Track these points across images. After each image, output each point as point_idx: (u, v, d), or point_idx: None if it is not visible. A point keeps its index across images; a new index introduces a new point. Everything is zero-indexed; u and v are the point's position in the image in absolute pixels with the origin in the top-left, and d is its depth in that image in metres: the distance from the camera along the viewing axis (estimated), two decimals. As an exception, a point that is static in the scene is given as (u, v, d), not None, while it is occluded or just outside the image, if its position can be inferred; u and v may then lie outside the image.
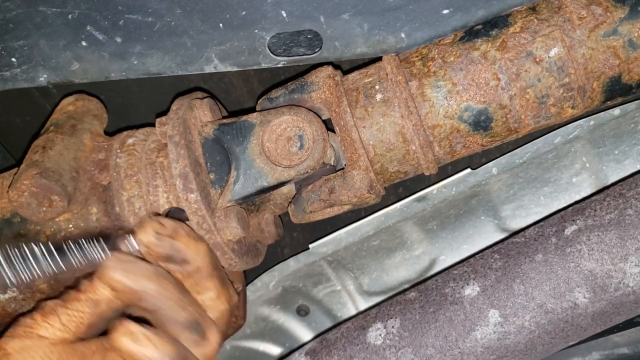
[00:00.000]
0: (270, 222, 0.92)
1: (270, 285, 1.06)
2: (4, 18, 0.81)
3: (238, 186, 0.81)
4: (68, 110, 0.91)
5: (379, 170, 0.82)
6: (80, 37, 0.82)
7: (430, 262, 1.07)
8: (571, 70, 0.77)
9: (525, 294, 0.77)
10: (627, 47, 0.76)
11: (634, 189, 0.78)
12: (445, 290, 0.82)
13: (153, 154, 0.85)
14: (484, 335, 0.78)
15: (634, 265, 0.73)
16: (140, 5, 0.80)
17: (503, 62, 0.78)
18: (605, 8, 0.76)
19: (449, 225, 1.03)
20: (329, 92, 0.83)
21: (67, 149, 0.84)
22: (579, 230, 0.77)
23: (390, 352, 0.81)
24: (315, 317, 1.14)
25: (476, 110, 0.79)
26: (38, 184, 0.78)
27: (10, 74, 0.85)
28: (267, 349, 1.16)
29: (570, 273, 0.76)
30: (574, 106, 0.79)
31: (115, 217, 0.82)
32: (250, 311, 1.10)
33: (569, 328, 0.77)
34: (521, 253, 0.80)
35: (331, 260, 1.04)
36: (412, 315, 0.82)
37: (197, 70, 0.85)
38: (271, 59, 0.84)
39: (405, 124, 0.79)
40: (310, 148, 0.80)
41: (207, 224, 0.78)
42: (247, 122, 0.82)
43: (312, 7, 0.80)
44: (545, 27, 0.77)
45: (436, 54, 0.80)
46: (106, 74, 0.85)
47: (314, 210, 0.84)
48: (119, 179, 0.83)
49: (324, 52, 0.83)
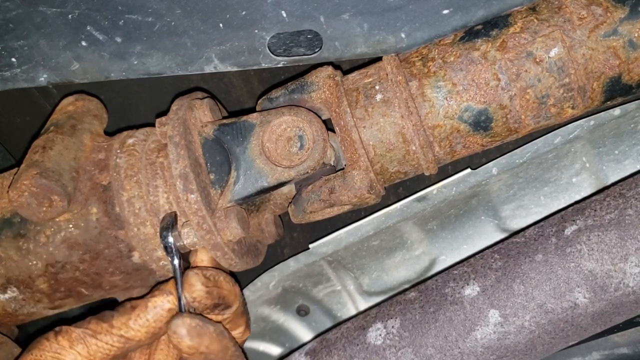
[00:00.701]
0: (270, 222, 0.92)
1: (270, 285, 1.06)
2: (4, 18, 0.81)
3: (238, 186, 0.81)
4: (68, 110, 0.91)
5: (379, 171, 0.82)
6: (80, 37, 0.82)
7: (430, 262, 1.07)
8: (571, 71, 0.77)
9: (525, 294, 0.77)
10: (627, 47, 0.76)
11: (634, 189, 0.78)
12: (445, 290, 0.82)
13: (153, 154, 0.85)
14: (484, 335, 0.78)
15: (634, 265, 0.73)
16: (140, 5, 0.80)
17: (503, 62, 0.78)
18: (605, 8, 0.76)
19: (449, 225, 1.03)
20: (329, 92, 0.83)
21: (67, 149, 0.84)
22: (579, 230, 0.77)
23: (390, 352, 0.81)
24: (315, 317, 1.14)
25: (476, 110, 0.79)
26: (38, 184, 0.78)
27: (10, 74, 0.85)
28: (267, 349, 1.16)
29: (570, 273, 0.76)
30: (574, 106, 0.79)
31: (115, 217, 0.82)
32: (250, 311, 1.10)
33: (569, 328, 0.77)
34: (521, 253, 0.80)
35: (331, 260, 1.04)
36: (412, 315, 0.82)
37: (197, 70, 0.85)
38: (271, 59, 0.84)
39: (406, 124, 0.79)
40: (310, 148, 0.80)
41: (208, 224, 0.78)
42: (247, 122, 0.82)
43: (312, 7, 0.80)
44: (546, 28, 0.77)
45: (436, 54, 0.80)
46: (106, 74, 0.85)
47: (314, 211, 0.84)
48: (119, 179, 0.83)
49: (324, 52, 0.83)
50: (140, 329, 0.77)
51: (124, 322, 0.76)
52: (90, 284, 0.86)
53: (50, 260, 0.83)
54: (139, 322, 0.77)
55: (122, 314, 0.77)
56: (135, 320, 0.77)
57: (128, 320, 0.76)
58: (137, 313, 0.77)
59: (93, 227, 0.83)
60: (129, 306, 0.78)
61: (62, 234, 0.83)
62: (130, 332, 0.76)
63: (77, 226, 0.83)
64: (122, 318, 0.77)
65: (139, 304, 0.78)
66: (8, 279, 0.85)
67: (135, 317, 0.77)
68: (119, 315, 0.77)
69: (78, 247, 0.83)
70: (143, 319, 0.77)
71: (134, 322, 0.76)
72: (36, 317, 0.92)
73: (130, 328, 0.76)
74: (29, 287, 0.85)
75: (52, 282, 0.85)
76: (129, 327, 0.76)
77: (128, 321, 0.76)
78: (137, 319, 0.77)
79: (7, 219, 0.85)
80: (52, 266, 0.84)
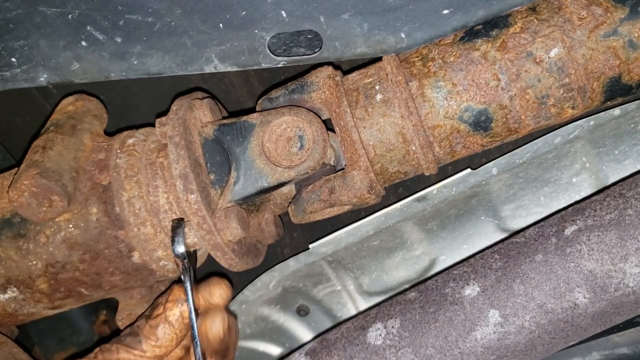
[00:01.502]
0: (270, 222, 0.92)
1: (270, 285, 1.06)
2: (4, 18, 0.81)
3: (238, 187, 0.81)
4: (68, 110, 0.91)
5: (379, 171, 0.82)
6: (80, 37, 0.82)
7: (430, 262, 1.07)
8: (571, 71, 0.77)
9: (525, 294, 0.77)
10: (627, 47, 0.76)
11: (634, 189, 0.78)
12: (445, 290, 0.82)
13: (153, 155, 0.85)
14: (484, 336, 0.78)
15: (634, 266, 0.73)
16: (140, 5, 0.80)
17: (503, 62, 0.78)
18: (606, 8, 0.76)
19: (449, 225, 1.03)
20: (329, 92, 0.83)
21: (67, 149, 0.84)
22: (579, 230, 0.77)
23: (390, 352, 0.81)
24: (315, 317, 1.14)
25: (476, 110, 0.79)
26: (38, 184, 0.78)
27: (10, 74, 0.85)
28: (267, 349, 1.16)
29: (570, 273, 0.76)
30: (574, 106, 0.79)
31: (115, 218, 0.82)
32: (251, 311, 1.10)
33: (569, 328, 0.77)
34: (521, 253, 0.80)
35: (331, 260, 1.04)
36: (412, 316, 0.82)
37: (197, 70, 0.85)
38: (271, 59, 0.84)
39: (406, 124, 0.79)
40: (310, 148, 0.80)
41: (208, 224, 0.78)
42: (247, 122, 0.82)
43: (312, 7, 0.80)
44: (546, 28, 0.77)
45: (436, 54, 0.80)
46: (106, 74, 0.85)
47: (314, 211, 0.84)
48: (119, 179, 0.83)
49: (324, 52, 0.83)
50: (171, 343, 0.80)
51: (153, 345, 0.79)
52: (90, 284, 0.86)
53: (50, 260, 0.83)
54: (167, 338, 0.79)
55: (148, 335, 0.79)
56: (162, 338, 0.80)
57: (157, 341, 0.79)
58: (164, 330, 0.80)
59: (93, 227, 0.82)
60: (147, 327, 0.80)
61: (62, 234, 0.83)
62: (162, 350, 0.80)
63: (77, 226, 0.83)
64: (151, 341, 0.79)
65: (157, 322, 0.80)
66: (8, 279, 0.85)
67: (162, 334, 0.80)
68: (146, 339, 0.79)
69: (78, 247, 0.83)
70: (171, 334, 0.80)
71: (163, 339, 0.80)
72: (36, 317, 0.92)
73: (161, 347, 0.79)
74: (29, 287, 0.85)
75: (52, 282, 0.85)
76: (160, 346, 0.80)
77: (157, 341, 0.79)
78: (165, 333, 0.79)
79: (7, 219, 0.85)
80: (52, 266, 0.84)
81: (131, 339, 0.79)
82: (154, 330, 0.79)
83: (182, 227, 0.79)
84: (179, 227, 0.79)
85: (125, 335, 0.81)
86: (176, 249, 0.78)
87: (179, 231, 0.78)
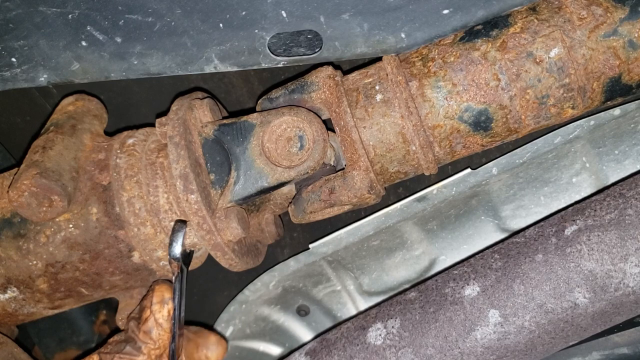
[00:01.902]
0: (270, 222, 0.92)
1: (270, 285, 1.06)
2: (4, 18, 0.81)
3: (238, 187, 0.81)
4: (68, 110, 0.91)
5: (379, 171, 0.82)
6: (80, 37, 0.82)
7: (430, 262, 1.07)
8: (571, 71, 0.77)
9: (525, 294, 0.77)
10: (627, 47, 0.76)
11: (634, 189, 0.78)
12: (445, 290, 0.82)
13: (153, 155, 0.85)
14: (484, 335, 0.78)
15: (634, 265, 0.73)
16: (140, 5, 0.80)
17: (503, 62, 0.78)
18: (606, 8, 0.76)
19: (449, 225, 1.03)
20: (329, 92, 0.83)
21: (67, 149, 0.84)
22: (579, 230, 0.77)
23: (390, 352, 0.81)
24: (315, 317, 1.14)
25: (476, 110, 0.79)
26: (38, 184, 0.78)
27: (10, 74, 0.85)
28: (267, 349, 1.16)
29: (570, 273, 0.76)
30: (574, 106, 0.79)
31: (115, 218, 0.82)
32: (251, 311, 1.10)
33: (569, 328, 0.77)
34: (521, 253, 0.80)
35: (331, 260, 1.04)
36: (412, 315, 0.82)
37: (197, 70, 0.85)
38: (271, 59, 0.84)
39: (406, 124, 0.79)
40: (310, 148, 0.80)
41: (208, 224, 0.78)
42: (247, 122, 0.82)
43: (312, 7, 0.80)
44: (546, 28, 0.77)
45: (436, 54, 0.80)
46: (106, 74, 0.85)
47: (314, 211, 0.84)
48: (119, 180, 0.83)
49: (324, 52, 0.83)
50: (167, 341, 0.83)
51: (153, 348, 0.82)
52: (90, 284, 0.86)
53: (50, 260, 0.83)
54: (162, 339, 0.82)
55: (145, 340, 0.82)
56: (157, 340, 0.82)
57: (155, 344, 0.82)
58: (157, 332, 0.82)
59: (93, 227, 0.83)
60: (142, 333, 0.82)
61: (62, 234, 0.83)
62: (161, 349, 0.82)
63: (77, 226, 0.83)
64: (150, 345, 0.82)
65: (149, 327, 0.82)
66: (8, 279, 0.85)
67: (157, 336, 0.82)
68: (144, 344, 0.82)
69: (78, 247, 0.83)
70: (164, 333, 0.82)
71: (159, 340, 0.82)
72: (36, 317, 0.92)
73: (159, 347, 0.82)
74: (29, 287, 0.85)
75: (52, 282, 0.85)
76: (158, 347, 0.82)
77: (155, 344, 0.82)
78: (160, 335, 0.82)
79: (7, 219, 0.85)
80: (52, 266, 0.84)
81: (131, 347, 0.81)
82: (149, 335, 0.81)
83: (183, 231, 0.79)
84: (179, 230, 0.79)
85: (120, 343, 0.82)
86: (172, 251, 0.78)
87: (178, 234, 0.79)
